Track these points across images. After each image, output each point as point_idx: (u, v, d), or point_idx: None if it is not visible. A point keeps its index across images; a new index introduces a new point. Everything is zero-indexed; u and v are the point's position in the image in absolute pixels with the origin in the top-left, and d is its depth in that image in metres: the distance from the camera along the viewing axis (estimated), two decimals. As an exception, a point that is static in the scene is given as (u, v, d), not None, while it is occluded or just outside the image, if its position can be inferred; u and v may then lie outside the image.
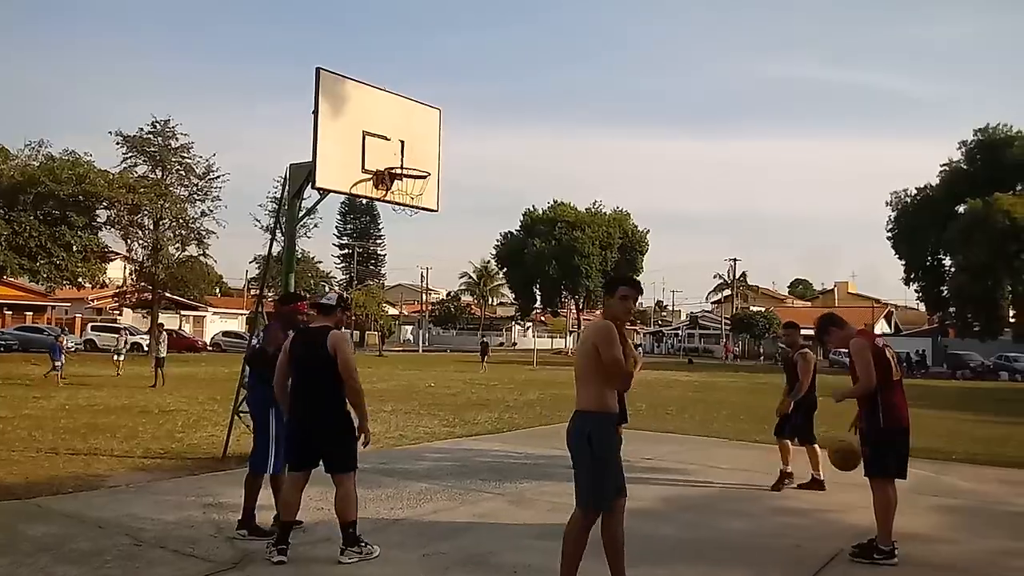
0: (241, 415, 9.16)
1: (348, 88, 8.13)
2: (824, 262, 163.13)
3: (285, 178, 8.62)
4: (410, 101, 8.85)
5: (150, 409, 14.31)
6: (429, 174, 8.57)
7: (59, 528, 5.57)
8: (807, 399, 7.56)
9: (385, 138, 8.32)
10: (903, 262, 52.64)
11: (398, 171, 8.27)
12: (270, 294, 15.33)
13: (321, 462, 5.04)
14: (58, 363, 21.26)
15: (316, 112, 7.66)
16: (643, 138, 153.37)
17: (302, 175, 8.24)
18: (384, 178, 8.18)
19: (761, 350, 65.61)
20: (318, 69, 7.69)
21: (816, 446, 7.43)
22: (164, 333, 22.96)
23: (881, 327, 71.14)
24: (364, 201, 60.84)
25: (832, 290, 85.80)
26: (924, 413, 17.98)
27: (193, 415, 13.39)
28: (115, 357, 24.01)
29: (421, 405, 16.20)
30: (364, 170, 8.14)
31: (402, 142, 8.45)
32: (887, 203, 53.49)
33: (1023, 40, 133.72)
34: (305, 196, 9.15)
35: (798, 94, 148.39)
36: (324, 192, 8.22)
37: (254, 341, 5.91)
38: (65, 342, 22.59)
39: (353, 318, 50.91)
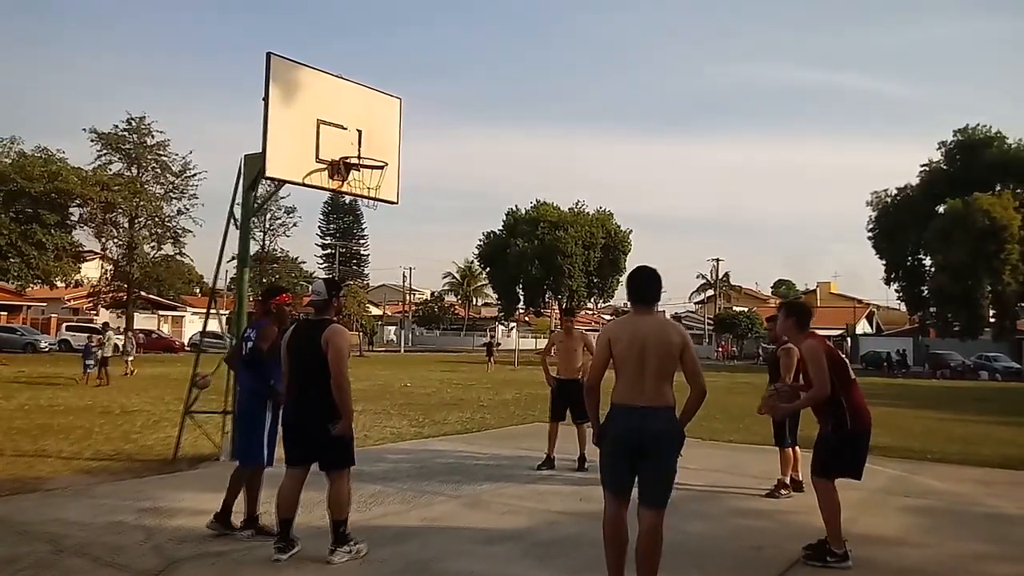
0: (193, 416, 8.87)
1: (302, 75, 7.80)
2: (806, 263, 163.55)
3: (240, 169, 8.29)
4: (369, 90, 8.52)
5: (112, 410, 13.94)
6: (386, 164, 8.25)
7: (-21, 535, 5.25)
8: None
9: (342, 127, 8.01)
10: (884, 262, 52.89)
11: (355, 161, 7.97)
12: (249, 294, 14.96)
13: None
14: (88, 363, 20.81)
15: (266, 99, 7.34)
16: (626, 138, 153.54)
17: (257, 166, 7.89)
18: (340, 168, 7.87)
19: (738, 351, 65.77)
20: (268, 54, 7.37)
21: (794, 449, 7.17)
22: (109, 332, 22.58)
23: (863, 327, 71.50)
24: (347, 200, 60.45)
25: (815, 291, 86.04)
26: (902, 412, 17.90)
27: (155, 416, 13.03)
28: (88, 365, 20.70)
29: (393, 405, 15.88)
30: (319, 160, 7.82)
31: (360, 132, 8.13)
32: (868, 203, 53.75)
33: (1003, 43, 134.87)
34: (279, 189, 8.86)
35: (779, 95, 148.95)
36: (278, 182, 7.91)
37: (247, 342, 5.68)
38: (103, 342, 22.07)
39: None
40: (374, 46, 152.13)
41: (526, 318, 75.68)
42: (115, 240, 37.16)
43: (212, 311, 9.35)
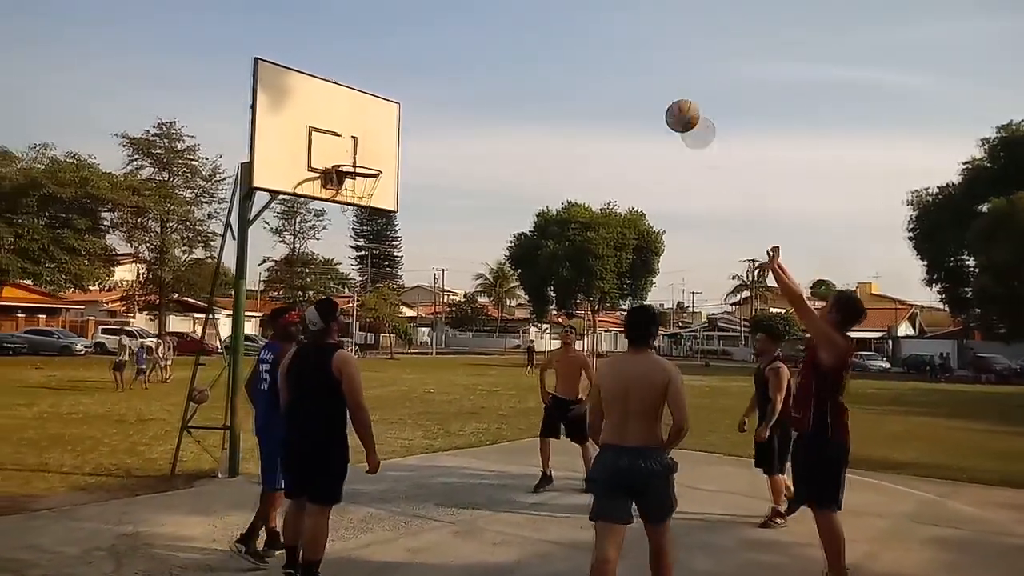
0: (191, 431, 8.68)
1: (292, 80, 7.53)
2: (846, 263, 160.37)
3: (236, 177, 8.06)
4: (364, 95, 8.22)
5: (127, 418, 13.89)
6: (381, 172, 7.94)
7: (-55, 563, 5.06)
8: (780, 423, 6.53)
9: (336, 134, 7.73)
10: (924, 263, 51.43)
11: (349, 169, 7.68)
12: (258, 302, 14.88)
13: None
14: (142, 367, 21.01)
15: (253, 106, 7.08)
16: (658, 137, 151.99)
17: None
18: (333, 177, 7.59)
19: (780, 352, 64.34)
20: (256, 59, 7.10)
21: (780, 477, 6.61)
22: (123, 337, 22.63)
23: (904, 329, 69.73)
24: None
25: (854, 291, 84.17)
26: (938, 422, 17.20)
27: (169, 425, 12.89)
28: (141, 370, 21.27)
29: (410, 414, 15.63)
30: (310, 168, 7.54)
31: (355, 138, 7.85)
32: (907, 202, 52.32)
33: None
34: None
35: (814, 93, 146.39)
36: (272, 193, 7.65)
37: (262, 364, 5.56)
38: (159, 345, 22.24)
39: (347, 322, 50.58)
40: (400, 45, 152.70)
41: (558, 319, 75.22)
42: (146, 244, 37.54)
43: (211, 317, 9.10)
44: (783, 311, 66.04)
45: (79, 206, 32.86)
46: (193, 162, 38.16)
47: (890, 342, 63.18)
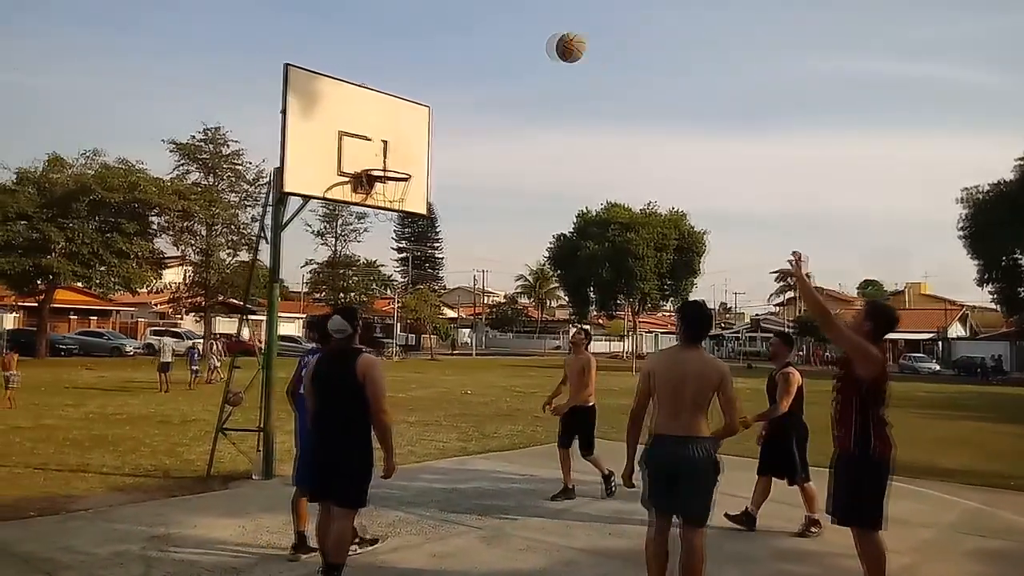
0: (226, 433, 8.78)
1: (323, 86, 7.58)
2: (895, 262, 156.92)
3: (270, 182, 8.15)
4: (394, 99, 8.24)
5: (171, 419, 14.16)
6: (410, 176, 7.95)
7: (-19, 563, 5.19)
8: (796, 427, 6.44)
9: (366, 138, 7.76)
10: (977, 262, 49.91)
11: (379, 173, 7.70)
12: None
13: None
14: (195, 368, 21.50)
15: (284, 112, 7.15)
16: (701, 136, 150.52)
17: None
18: (363, 181, 7.61)
19: (831, 355, 63.17)
20: (286, 65, 7.17)
21: (811, 485, 6.43)
22: (166, 339, 23.05)
23: (956, 330, 67.86)
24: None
25: (903, 291, 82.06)
26: (989, 427, 16.65)
27: (210, 426, 13.02)
28: (194, 371, 22.06)
29: (447, 416, 15.65)
30: (340, 173, 7.58)
31: (385, 142, 7.87)
32: (958, 200, 50.82)
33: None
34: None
35: (860, 89, 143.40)
36: (304, 198, 7.71)
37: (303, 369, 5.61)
38: (213, 347, 22.77)
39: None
40: (439, 48, 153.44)
41: (599, 320, 74.87)
42: (192, 247, 38.32)
43: (247, 318, 9.18)
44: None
45: (128, 210, 33.67)
46: (238, 166, 38.88)
47: (941, 343, 61.57)
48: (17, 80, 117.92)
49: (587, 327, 8.29)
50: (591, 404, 7.65)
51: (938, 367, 51.17)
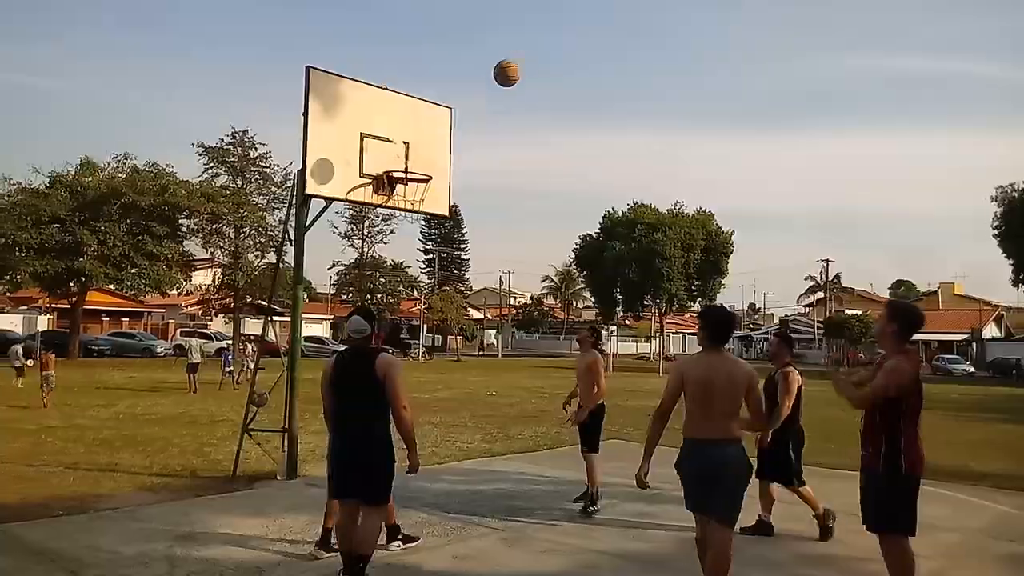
0: (251, 433, 8.85)
1: (344, 88, 7.61)
2: (927, 262, 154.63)
3: (293, 185, 8.21)
4: (416, 100, 8.26)
5: (199, 419, 14.31)
6: (432, 177, 7.95)
7: (10, 561, 5.27)
8: (791, 431, 6.29)
9: (387, 140, 7.78)
10: (1011, 261, 48.96)
11: (400, 175, 7.72)
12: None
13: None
14: (228, 369, 21.81)
15: (306, 114, 7.19)
16: (731, 136, 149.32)
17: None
18: (384, 183, 7.64)
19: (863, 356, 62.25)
20: (308, 68, 7.21)
21: (806, 488, 6.34)
22: (194, 340, 23.25)
23: (991, 331, 66.59)
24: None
25: (936, 292, 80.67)
26: (1021, 431, 16.30)
27: (237, 426, 13.10)
28: (227, 372, 22.36)
29: (472, 417, 15.66)
30: (362, 175, 7.62)
31: (406, 144, 7.89)
32: (992, 198, 49.89)
33: None
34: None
35: (890, 87, 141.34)
36: (326, 199, 7.75)
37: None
38: (246, 349, 23.06)
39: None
40: (462, 48, 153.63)
41: (626, 321, 74.57)
42: (221, 249, 38.77)
43: (271, 319, 9.26)
44: (859, 313, 63.96)
45: (158, 213, 34.15)
46: (266, 169, 39.25)
47: (975, 345, 60.45)
48: (44, 84, 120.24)
49: (596, 325, 8.13)
50: (599, 403, 7.55)
51: (972, 369, 50.26)
